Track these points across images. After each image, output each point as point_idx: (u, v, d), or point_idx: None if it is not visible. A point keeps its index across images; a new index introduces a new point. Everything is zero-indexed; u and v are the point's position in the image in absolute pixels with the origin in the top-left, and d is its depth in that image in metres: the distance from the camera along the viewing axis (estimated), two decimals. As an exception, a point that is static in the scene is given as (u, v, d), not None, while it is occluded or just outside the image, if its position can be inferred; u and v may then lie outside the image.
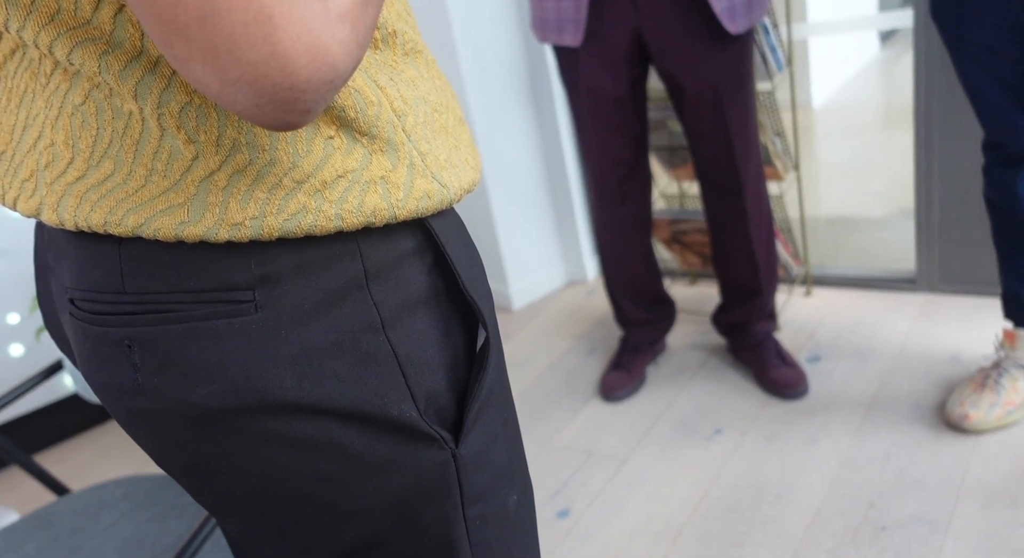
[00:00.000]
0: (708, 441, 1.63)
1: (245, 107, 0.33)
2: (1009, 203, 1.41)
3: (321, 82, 0.33)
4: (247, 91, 0.32)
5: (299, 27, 0.31)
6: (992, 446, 1.45)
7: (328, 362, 0.44)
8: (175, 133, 0.40)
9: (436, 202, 0.46)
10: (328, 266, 0.43)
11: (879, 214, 2.59)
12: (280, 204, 0.41)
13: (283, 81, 0.32)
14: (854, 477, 1.45)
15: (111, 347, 0.44)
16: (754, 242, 1.70)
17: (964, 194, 1.87)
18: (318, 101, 0.34)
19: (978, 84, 1.33)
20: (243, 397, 0.43)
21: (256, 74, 0.31)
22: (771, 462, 1.54)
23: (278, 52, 0.31)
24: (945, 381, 1.65)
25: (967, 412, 1.48)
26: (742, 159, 1.61)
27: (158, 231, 0.41)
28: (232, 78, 0.32)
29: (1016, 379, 1.49)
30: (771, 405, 1.70)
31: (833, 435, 1.57)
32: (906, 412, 1.59)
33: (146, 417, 0.45)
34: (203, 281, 0.42)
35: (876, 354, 1.79)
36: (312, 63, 0.32)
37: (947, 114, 1.81)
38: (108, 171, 0.42)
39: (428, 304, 0.47)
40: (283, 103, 0.33)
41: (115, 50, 0.39)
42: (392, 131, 0.44)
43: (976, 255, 1.90)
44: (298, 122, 0.34)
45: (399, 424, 0.46)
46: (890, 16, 2.03)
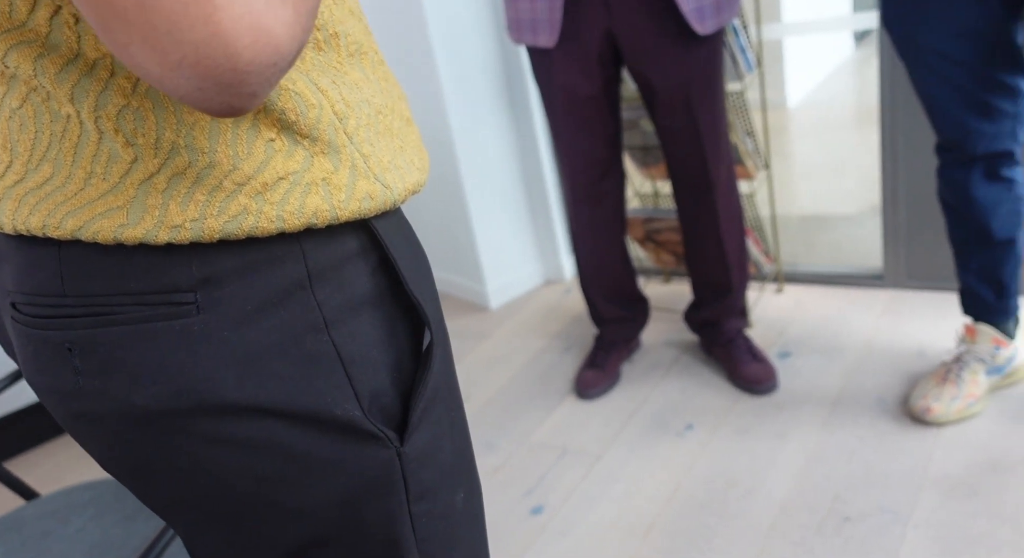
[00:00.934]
0: (680, 437, 1.66)
1: (188, 91, 0.33)
2: (963, 203, 1.45)
3: (265, 64, 0.32)
4: (189, 74, 0.32)
5: (240, 7, 0.31)
6: (953, 438, 1.49)
7: (271, 363, 0.44)
8: (113, 136, 0.40)
9: (379, 203, 0.46)
10: (271, 267, 0.44)
11: (850, 212, 2.63)
12: (220, 206, 0.42)
13: (226, 62, 0.31)
14: (821, 470, 1.48)
15: (52, 350, 0.45)
16: (725, 240, 1.73)
17: (929, 192, 1.91)
18: (263, 85, 0.33)
19: (932, 90, 1.37)
20: (185, 399, 0.44)
21: (198, 56, 0.31)
22: (741, 456, 1.57)
23: (219, 31, 0.31)
24: (910, 375, 1.68)
25: (929, 405, 1.52)
26: (713, 158, 1.64)
27: (97, 233, 0.42)
28: (173, 61, 0.31)
29: (976, 372, 1.53)
30: (742, 400, 1.73)
31: (801, 429, 1.60)
32: (872, 406, 1.62)
33: (89, 420, 0.46)
34: (144, 283, 0.43)
35: (844, 349, 1.83)
36: (255, 44, 0.32)
37: (912, 114, 1.85)
38: (47, 174, 0.42)
39: (372, 305, 0.48)
40: (227, 86, 0.32)
41: (51, 53, 0.39)
42: (333, 133, 0.44)
43: (941, 252, 1.95)
44: (244, 107, 0.34)
45: (343, 423, 0.47)
46: (860, 17, 2.07)
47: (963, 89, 1.34)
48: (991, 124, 1.37)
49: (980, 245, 1.48)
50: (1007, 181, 1.43)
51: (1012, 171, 1.43)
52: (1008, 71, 1.32)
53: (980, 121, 1.36)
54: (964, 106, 1.36)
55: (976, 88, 1.33)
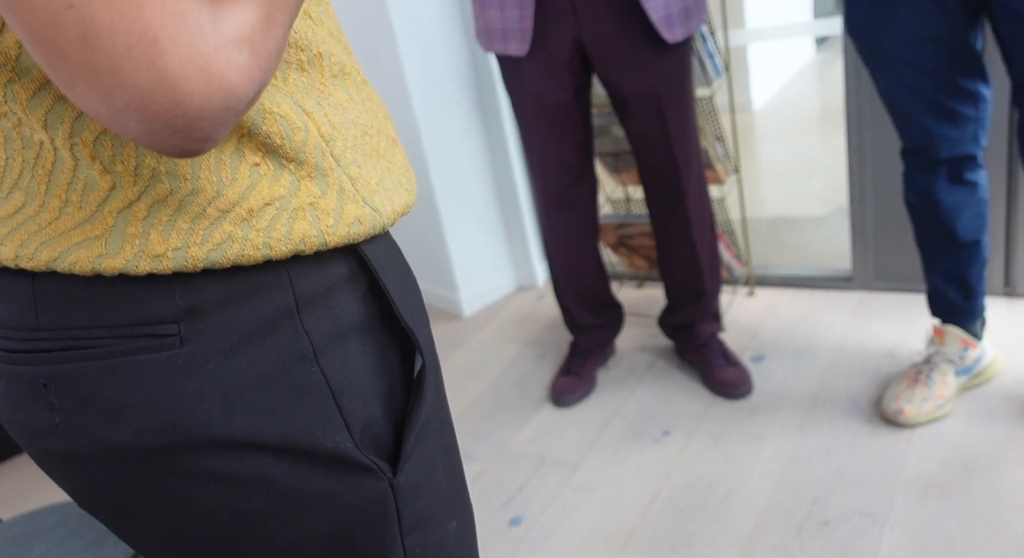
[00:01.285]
0: (657, 443, 1.66)
1: (138, 134, 0.31)
2: (930, 206, 1.47)
3: (217, 109, 0.31)
4: (137, 118, 0.30)
5: (187, 51, 0.29)
6: (925, 439, 1.51)
7: (259, 395, 0.43)
8: (89, 163, 0.39)
9: (368, 228, 0.45)
10: (257, 296, 0.42)
11: (817, 213, 2.67)
12: (204, 234, 0.40)
13: (174, 108, 0.30)
14: (797, 474, 1.49)
15: (26, 386, 0.43)
16: (698, 245, 1.73)
17: (895, 195, 1.94)
18: (217, 129, 0.32)
19: (896, 96, 1.38)
20: (169, 435, 0.42)
21: (144, 100, 0.29)
22: (718, 461, 1.57)
23: (165, 77, 0.29)
24: (881, 376, 1.71)
25: (901, 407, 1.53)
26: (684, 164, 1.64)
27: (74, 264, 0.40)
28: (120, 104, 0.30)
29: (946, 373, 1.56)
30: (717, 405, 1.74)
31: (777, 433, 1.61)
32: (845, 408, 1.64)
33: (65, 458, 0.44)
34: (124, 315, 0.41)
35: (816, 352, 1.85)
36: (205, 90, 0.30)
37: (878, 117, 1.88)
38: (19, 203, 0.40)
39: (362, 332, 0.46)
40: (177, 131, 0.31)
41: (21, 77, 0.37)
42: (320, 156, 0.43)
43: (908, 254, 1.98)
44: (197, 150, 0.33)
45: (334, 456, 0.45)
46: (823, 24, 2.10)
47: (927, 95, 1.36)
48: (954, 129, 1.39)
49: (946, 247, 1.50)
50: (971, 184, 1.46)
51: (975, 174, 1.45)
52: (969, 77, 1.34)
53: (944, 126, 1.39)
54: (928, 111, 1.38)
55: (939, 94, 1.35)
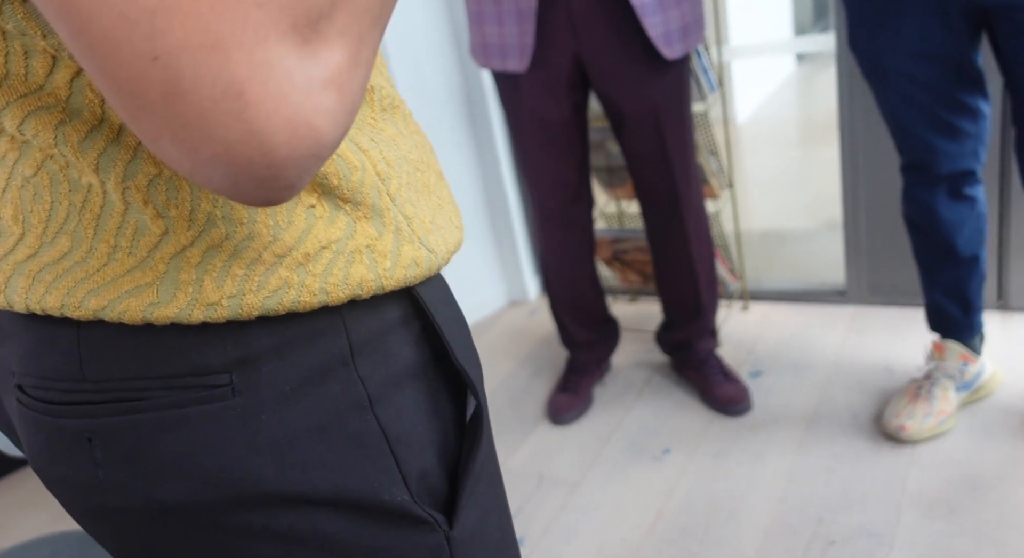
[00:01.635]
0: (658, 461, 1.64)
1: (222, 185, 0.30)
2: (930, 222, 1.47)
3: (303, 157, 0.30)
4: (223, 171, 0.29)
5: (274, 101, 0.28)
6: (928, 455, 1.50)
7: (313, 447, 0.40)
8: (141, 208, 0.37)
9: (424, 269, 0.43)
10: (311, 343, 0.40)
11: (806, 227, 2.67)
12: (260, 280, 0.38)
13: (260, 159, 0.29)
14: (801, 492, 1.48)
15: (69, 440, 0.40)
16: (695, 261, 1.72)
17: (889, 208, 1.94)
18: (302, 176, 0.31)
19: (898, 111, 1.39)
20: (219, 491, 0.40)
21: (231, 153, 0.28)
22: (720, 480, 1.55)
23: (252, 129, 0.28)
24: (880, 391, 1.70)
25: (903, 423, 1.53)
26: (682, 180, 1.63)
27: (124, 314, 0.37)
28: (205, 157, 0.28)
29: (947, 389, 1.55)
30: (716, 422, 1.72)
31: (778, 450, 1.60)
32: (845, 424, 1.63)
33: (109, 515, 0.41)
34: (174, 366, 0.39)
35: (813, 367, 1.84)
36: (292, 139, 0.29)
37: (871, 130, 1.89)
38: (65, 249, 0.38)
39: (416, 377, 0.44)
40: (263, 181, 0.30)
41: (73, 119, 0.35)
42: (377, 196, 0.41)
43: (902, 268, 1.98)
44: (281, 198, 0.31)
45: (390, 509, 0.43)
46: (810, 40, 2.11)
47: (928, 110, 1.36)
48: (955, 144, 1.39)
49: (946, 263, 1.50)
50: (970, 199, 1.46)
51: (974, 190, 1.46)
52: (970, 92, 1.34)
53: (945, 141, 1.39)
54: (929, 127, 1.38)
55: (941, 109, 1.36)
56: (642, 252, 2.11)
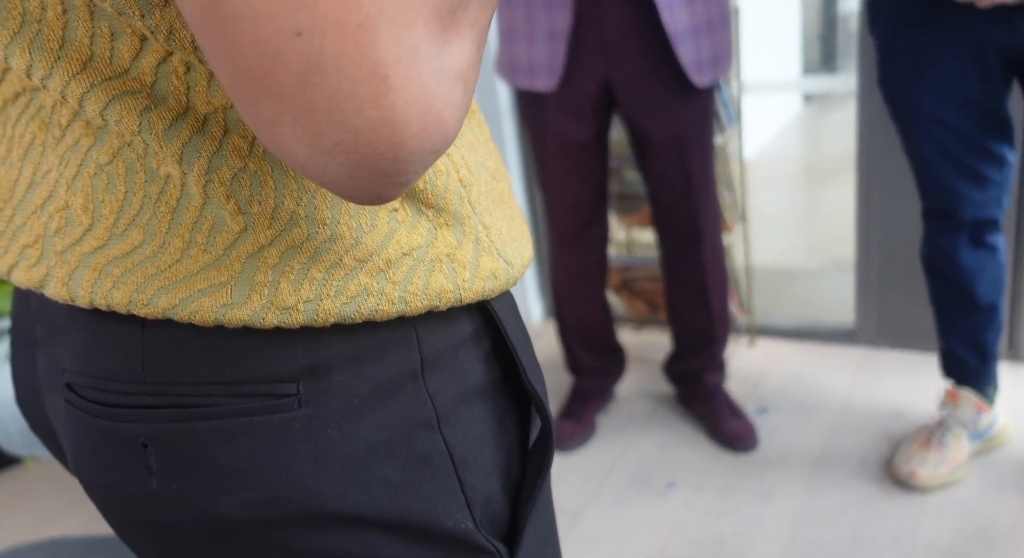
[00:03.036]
0: (661, 495, 1.61)
1: (334, 178, 0.28)
2: (950, 268, 1.46)
3: (427, 151, 0.28)
4: (342, 160, 0.27)
5: (416, 89, 0.26)
6: (939, 504, 1.47)
7: (378, 465, 0.38)
8: (222, 202, 0.34)
9: (502, 282, 0.41)
10: (383, 355, 0.38)
11: (811, 266, 2.67)
12: (339, 286, 0.35)
13: (387, 151, 0.27)
14: (809, 536, 1.44)
15: (122, 445, 0.37)
16: (711, 292, 1.70)
17: (903, 251, 1.93)
18: (419, 172, 0.29)
19: (925, 155, 1.38)
20: (280, 507, 0.37)
21: (357, 142, 0.26)
22: (726, 518, 1.52)
23: (388, 118, 0.26)
24: (888, 436, 1.68)
25: (915, 469, 1.50)
26: (703, 209, 1.62)
27: (195, 314, 0.35)
28: (327, 146, 0.26)
29: (959, 437, 1.53)
30: (722, 458, 1.69)
31: (785, 490, 1.57)
32: (853, 468, 1.60)
33: (157, 528, 0.38)
34: (240, 371, 0.36)
35: (820, 407, 1.81)
36: (423, 131, 0.27)
37: (888, 170, 1.88)
38: (136, 242, 0.35)
39: (484, 396, 0.42)
40: (381, 175, 0.28)
41: (158, 106, 0.33)
42: (459, 203, 0.39)
43: (913, 311, 1.97)
44: (391, 196, 0.29)
45: (453, 536, 0.40)
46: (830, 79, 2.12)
47: (956, 156, 1.35)
48: (980, 191, 1.38)
49: (965, 310, 1.49)
50: (991, 248, 1.45)
51: (996, 238, 1.45)
52: (998, 140, 1.34)
53: (970, 188, 1.38)
54: (956, 173, 1.37)
55: (969, 155, 1.35)
56: (652, 282, 2.09)
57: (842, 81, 2.05)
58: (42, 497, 1.86)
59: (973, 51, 1.26)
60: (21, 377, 0.46)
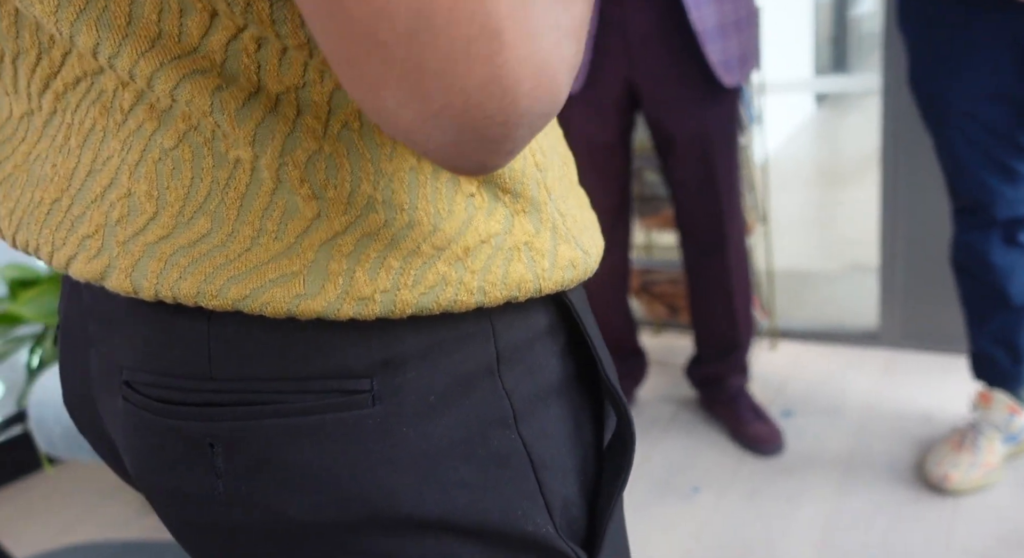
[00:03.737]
0: (686, 500, 1.58)
1: (439, 144, 0.26)
2: (980, 268, 1.44)
3: (539, 114, 0.26)
4: (448, 125, 0.25)
5: (529, 46, 0.25)
6: (972, 508, 1.45)
7: (455, 466, 0.36)
8: (295, 187, 0.32)
9: (580, 272, 0.39)
10: (458, 349, 0.36)
11: (830, 269, 2.64)
12: (416, 275, 0.34)
13: (498, 113, 0.25)
14: (840, 541, 1.42)
15: (186, 445, 0.35)
16: (735, 296, 1.68)
17: (928, 252, 1.91)
18: (528, 138, 0.27)
19: (958, 152, 1.35)
20: (352, 510, 0.35)
21: (467, 104, 0.25)
22: (754, 523, 1.49)
23: (500, 76, 0.24)
24: (917, 440, 1.65)
25: (947, 472, 1.48)
26: (728, 212, 1.60)
27: (267, 305, 0.33)
28: (434, 108, 0.25)
29: (992, 440, 1.50)
30: (748, 462, 1.67)
31: (813, 495, 1.54)
32: (883, 472, 1.58)
33: (222, 532, 0.36)
34: (312, 366, 0.34)
35: (846, 410, 1.79)
36: (535, 91, 0.25)
37: (913, 170, 1.86)
38: (203, 230, 0.33)
39: (559, 393, 0.40)
40: (489, 141, 0.26)
41: (230, 85, 0.31)
42: (536, 188, 0.37)
43: (938, 313, 1.94)
44: (496, 165, 0.28)
45: (532, 541, 0.38)
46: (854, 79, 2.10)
47: (988, 152, 1.33)
48: (1012, 189, 1.36)
49: (996, 310, 1.46)
50: (1023, 246, 1.42)
51: (1029, 237, 1.42)
52: (1032, 137, 1.32)
53: (1003, 185, 1.36)
54: (988, 169, 1.35)
55: (1001, 151, 1.33)
56: (672, 285, 2.07)
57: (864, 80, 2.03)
58: (62, 505, 1.85)
59: (1009, 45, 1.24)
60: (70, 377, 0.44)
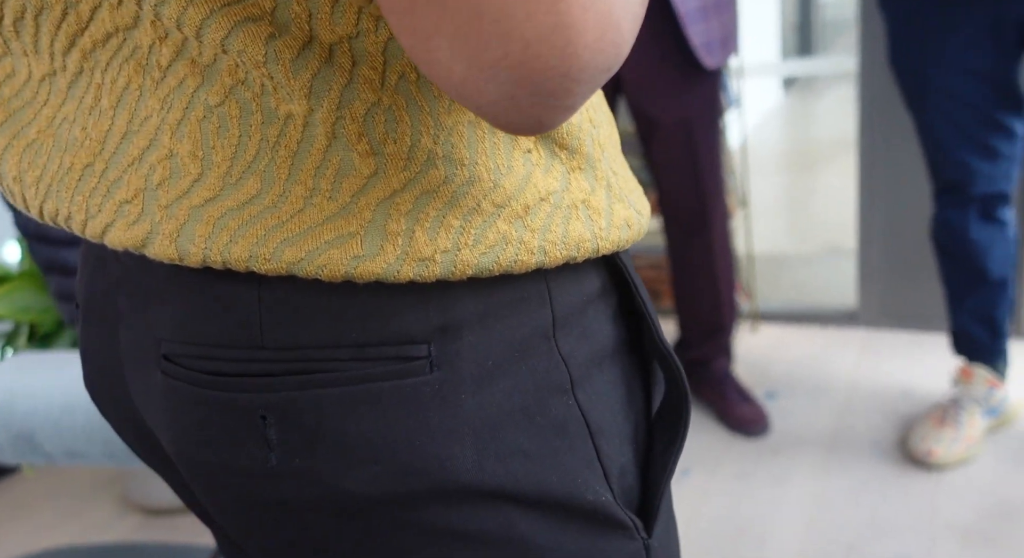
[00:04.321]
0: (677, 482, 1.59)
1: (494, 99, 0.25)
2: (960, 245, 1.46)
3: (601, 68, 0.25)
4: (505, 77, 0.24)
5: None
6: (956, 482, 1.47)
7: (513, 433, 0.35)
8: (352, 143, 0.31)
9: (635, 232, 0.38)
10: (514, 312, 0.35)
11: (806, 251, 2.67)
12: (477, 234, 0.32)
13: (559, 65, 0.24)
14: (829, 518, 1.44)
15: (236, 418, 0.34)
16: (719, 279, 1.69)
17: (904, 231, 1.94)
18: (586, 95, 0.26)
19: (937, 130, 1.37)
20: (412, 481, 0.34)
21: (526, 55, 0.23)
22: (744, 503, 1.51)
23: (563, 24, 0.23)
24: (899, 416, 1.68)
25: (931, 448, 1.50)
26: (711, 194, 1.60)
27: (323, 268, 0.31)
28: (490, 60, 0.23)
29: (974, 414, 1.53)
30: (736, 443, 1.68)
31: (801, 474, 1.56)
32: (867, 448, 1.60)
33: (275, 508, 0.35)
34: (369, 332, 0.33)
35: (829, 390, 1.81)
36: (598, 42, 0.24)
37: (889, 152, 1.88)
38: (252, 192, 0.31)
39: (612, 359, 0.39)
40: (546, 96, 0.25)
41: (282, 34, 0.30)
42: (591, 145, 0.36)
43: (915, 292, 1.97)
44: (553, 123, 0.26)
45: (592, 510, 0.37)
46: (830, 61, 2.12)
47: (967, 130, 1.35)
48: (991, 165, 1.38)
49: (975, 286, 1.49)
50: (1001, 222, 1.45)
51: (1005, 212, 1.45)
52: (1009, 112, 1.34)
53: (981, 162, 1.38)
54: (967, 147, 1.37)
55: (980, 129, 1.35)
56: (654, 270, 2.08)
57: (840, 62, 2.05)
58: (40, 508, 1.80)
59: (989, 24, 1.25)
60: (94, 356, 0.42)
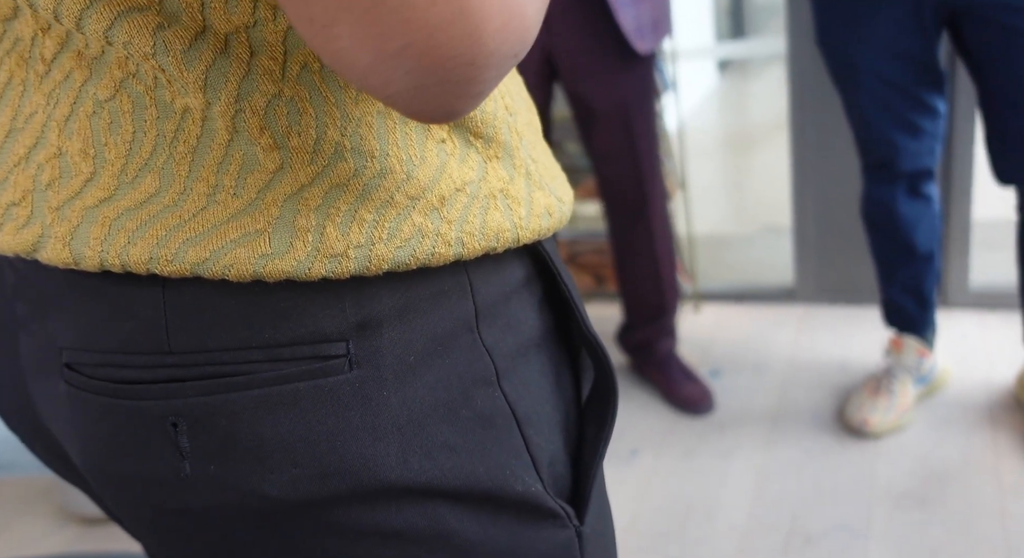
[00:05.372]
0: (626, 463, 1.61)
1: (400, 89, 0.24)
2: (888, 221, 1.51)
3: (507, 55, 0.25)
4: (411, 66, 0.23)
5: None
6: (892, 449, 1.53)
7: (438, 428, 0.34)
8: (255, 136, 0.30)
9: (556, 220, 0.38)
10: (435, 305, 0.34)
11: (743, 232, 2.73)
12: (391, 227, 0.32)
13: (464, 53, 0.23)
14: (773, 490, 1.48)
15: (146, 426, 0.33)
16: (661, 261, 1.71)
17: (837, 209, 1.99)
18: (495, 81, 0.26)
19: (865, 109, 1.41)
20: (333, 483, 0.33)
21: (430, 43, 0.23)
22: (692, 480, 1.54)
23: (466, 10, 0.23)
24: (837, 388, 1.73)
25: (866, 417, 1.55)
26: (649, 177, 1.62)
27: (229, 268, 0.30)
28: (394, 48, 0.23)
29: (905, 383, 1.59)
30: (681, 422, 1.71)
31: (746, 448, 1.60)
32: (808, 421, 1.65)
33: (191, 517, 0.34)
34: (282, 332, 0.32)
35: (769, 365, 1.86)
36: (504, 29, 0.24)
37: (820, 132, 1.93)
38: (151, 189, 0.30)
39: (539, 348, 0.39)
40: (454, 84, 0.24)
41: (172, 24, 0.28)
42: (508, 133, 0.35)
43: (849, 267, 2.04)
44: (463, 110, 0.26)
45: (522, 501, 0.37)
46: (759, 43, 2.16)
47: (893, 109, 1.39)
48: (915, 142, 1.43)
49: (904, 260, 1.54)
50: (927, 198, 1.50)
51: (930, 188, 1.50)
52: (932, 92, 1.38)
53: (907, 139, 1.42)
54: (894, 125, 1.41)
55: (905, 108, 1.39)
56: (597, 255, 2.09)
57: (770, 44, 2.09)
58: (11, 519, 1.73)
59: (909, 6, 1.29)
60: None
